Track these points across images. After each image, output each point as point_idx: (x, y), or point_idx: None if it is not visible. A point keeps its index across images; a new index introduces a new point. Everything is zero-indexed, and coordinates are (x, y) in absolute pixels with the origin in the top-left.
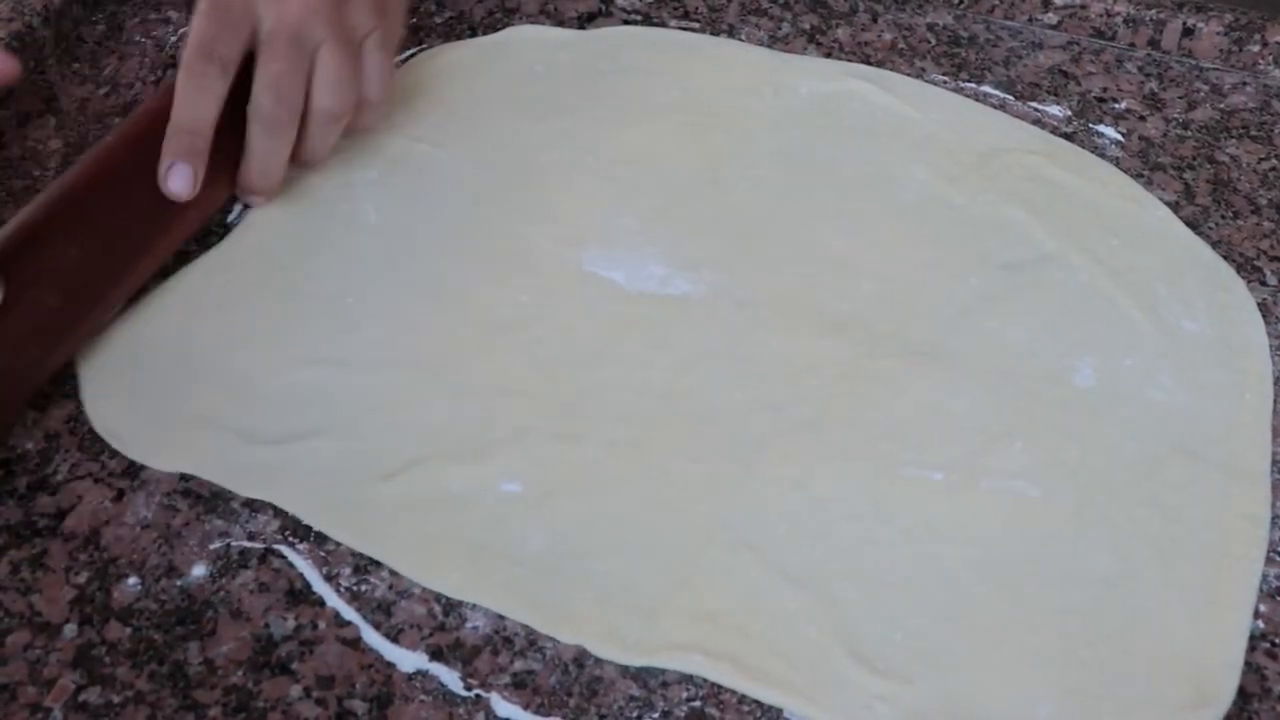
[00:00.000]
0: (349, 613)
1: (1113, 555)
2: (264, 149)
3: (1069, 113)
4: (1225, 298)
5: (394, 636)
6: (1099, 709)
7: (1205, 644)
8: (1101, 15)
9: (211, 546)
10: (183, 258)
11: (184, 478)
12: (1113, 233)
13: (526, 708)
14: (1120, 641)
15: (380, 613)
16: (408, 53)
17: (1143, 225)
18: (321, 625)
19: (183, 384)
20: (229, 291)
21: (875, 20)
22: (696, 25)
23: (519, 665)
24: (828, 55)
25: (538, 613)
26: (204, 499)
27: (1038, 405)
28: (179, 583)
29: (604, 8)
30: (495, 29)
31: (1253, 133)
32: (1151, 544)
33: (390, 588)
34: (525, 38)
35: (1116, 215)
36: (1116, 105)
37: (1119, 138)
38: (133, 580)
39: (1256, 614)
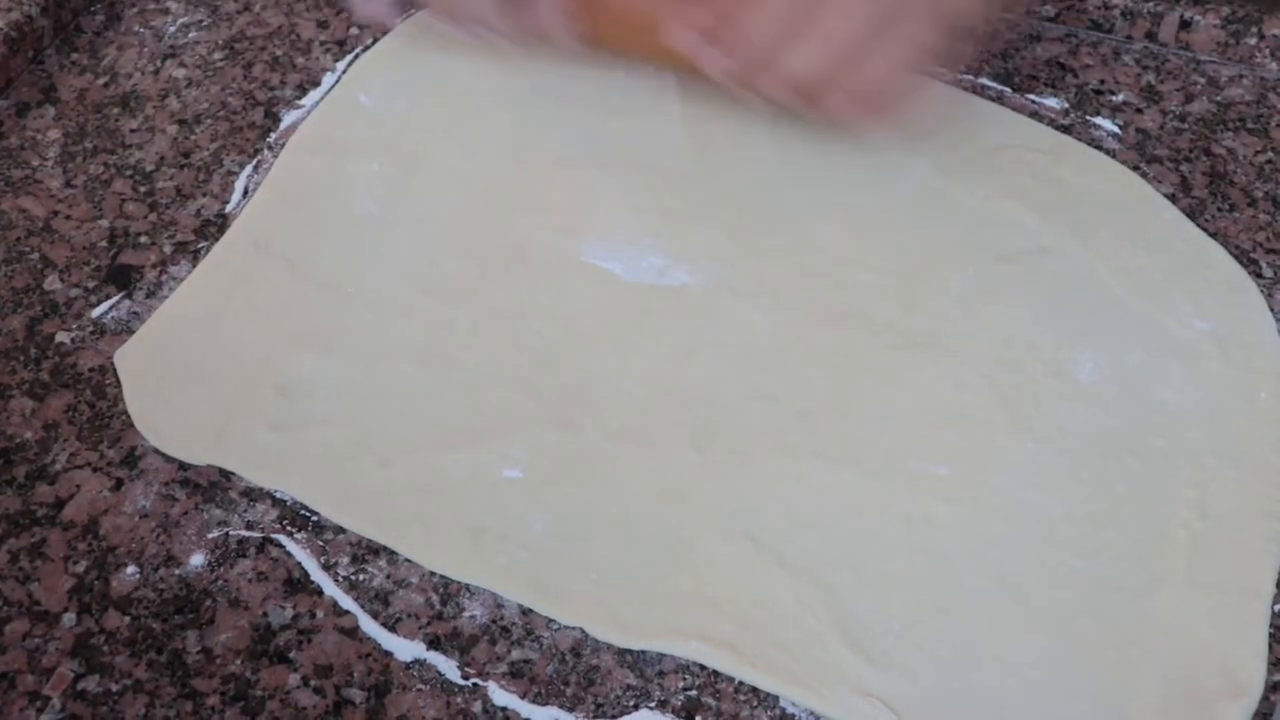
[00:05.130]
0: (347, 602)
1: (1125, 556)
2: None
3: (1066, 105)
4: (1238, 298)
5: (392, 625)
6: (1127, 708)
7: (1229, 638)
8: (1099, 7)
9: (210, 536)
10: (193, 254)
11: (183, 466)
12: (1116, 230)
13: (524, 697)
14: (1143, 641)
15: (378, 602)
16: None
17: (1150, 224)
18: (320, 614)
19: (201, 378)
20: (233, 284)
21: None
22: None
23: (516, 654)
24: None
25: (539, 594)
26: (202, 488)
27: (1040, 399)
28: (177, 572)
29: None
30: None
31: (1249, 125)
32: (1164, 541)
33: (388, 577)
34: None
35: (1121, 212)
36: (1114, 97)
37: (1116, 130)
38: (131, 569)
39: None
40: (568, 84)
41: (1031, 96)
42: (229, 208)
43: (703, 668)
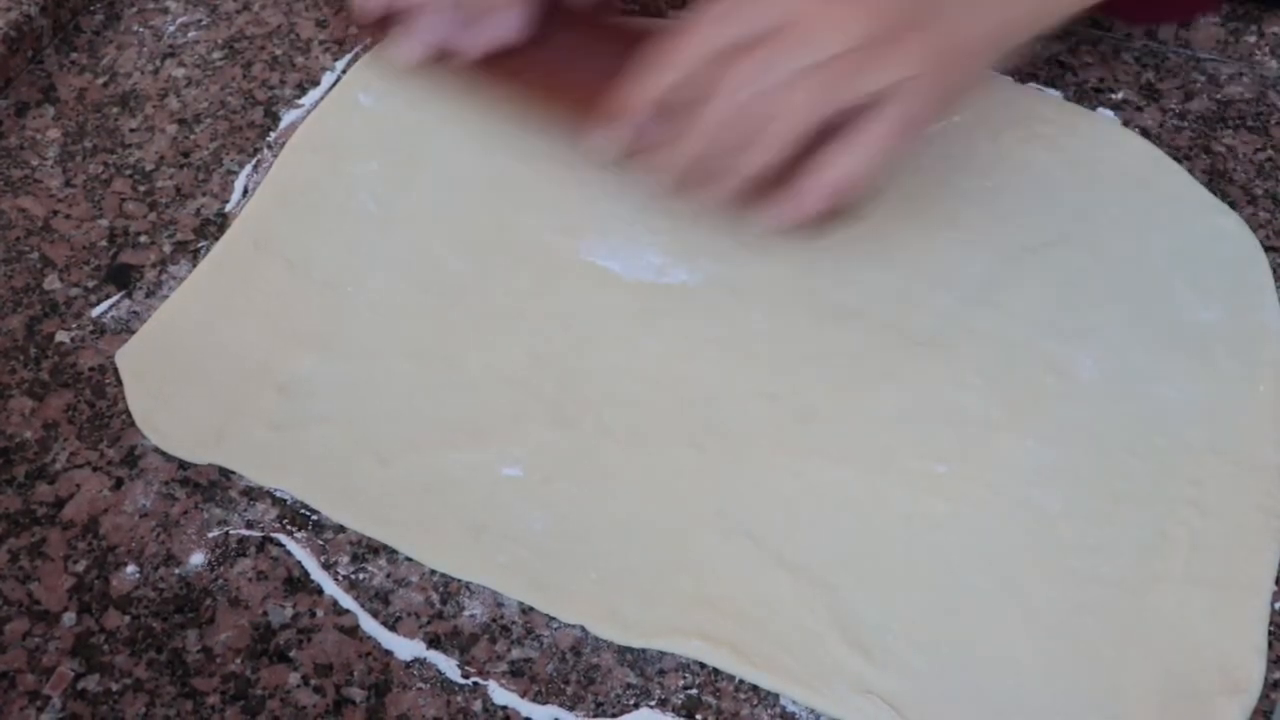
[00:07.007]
0: (347, 601)
1: (1124, 553)
2: None
3: None
4: (1246, 275)
5: (392, 624)
6: (1127, 705)
7: (1228, 634)
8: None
9: (210, 535)
10: (193, 253)
11: (182, 465)
12: (1127, 206)
13: (524, 695)
14: (1142, 638)
15: (378, 601)
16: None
17: (1160, 193)
18: (320, 613)
19: (201, 377)
20: (233, 284)
21: None
22: None
23: (516, 653)
24: None
25: (539, 593)
26: (202, 488)
27: (1040, 398)
28: (177, 571)
29: None
30: None
31: (1249, 123)
32: (1164, 539)
33: (388, 576)
34: None
35: (1133, 184)
36: (1113, 95)
37: None
38: (131, 568)
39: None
40: None
41: None
42: (229, 207)
43: (703, 666)
